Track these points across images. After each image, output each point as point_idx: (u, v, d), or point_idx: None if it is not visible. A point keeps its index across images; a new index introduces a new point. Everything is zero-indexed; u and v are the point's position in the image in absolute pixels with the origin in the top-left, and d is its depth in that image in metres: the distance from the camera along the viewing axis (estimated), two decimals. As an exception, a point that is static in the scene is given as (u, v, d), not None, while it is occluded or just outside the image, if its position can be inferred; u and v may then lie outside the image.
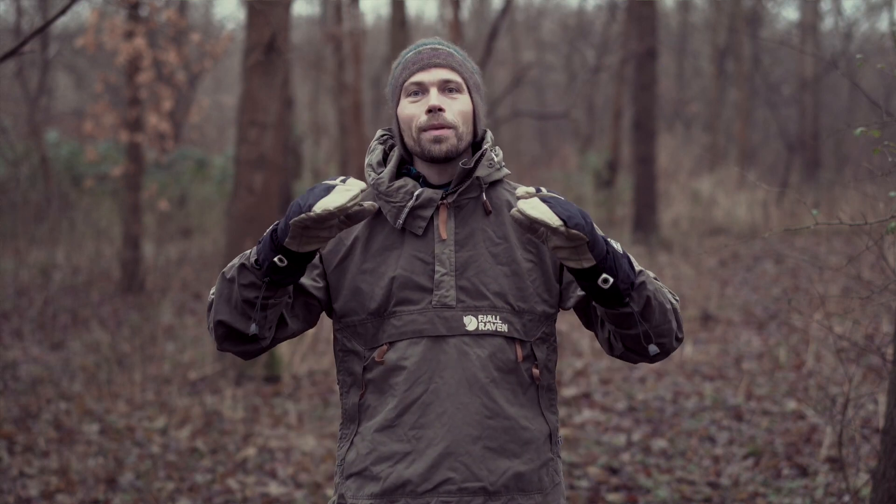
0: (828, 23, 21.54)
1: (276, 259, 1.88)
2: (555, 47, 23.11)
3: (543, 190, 1.86)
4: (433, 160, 2.03)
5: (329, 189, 1.83)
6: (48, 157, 13.02)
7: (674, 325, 1.98)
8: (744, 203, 14.02)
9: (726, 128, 21.10)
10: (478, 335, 2.00)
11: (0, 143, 12.64)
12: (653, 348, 1.95)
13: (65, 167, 14.70)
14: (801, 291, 8.99)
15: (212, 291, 2.05)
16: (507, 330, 2.01)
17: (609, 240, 1.89)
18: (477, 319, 2.00)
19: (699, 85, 23.20)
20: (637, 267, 1.93)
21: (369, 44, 18.01)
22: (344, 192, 1.82)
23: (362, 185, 1.84)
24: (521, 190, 1.83)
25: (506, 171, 2.14)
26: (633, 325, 1.92)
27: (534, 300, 2.03)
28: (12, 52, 3.13)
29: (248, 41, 6.77)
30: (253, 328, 1.96)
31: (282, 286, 1.94)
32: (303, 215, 1.81)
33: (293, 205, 1.85)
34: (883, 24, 21.00)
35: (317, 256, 2.06)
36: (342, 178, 1.87)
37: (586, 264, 1.84)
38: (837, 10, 20.81)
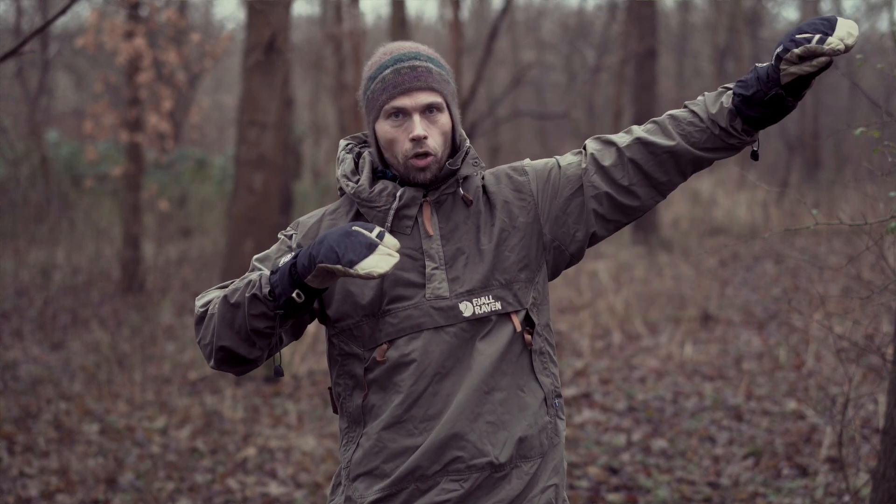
0: (828, 23, 21.51)
1: (294, 295, 1.88)
2: (555, 47, 23.10)
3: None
4: (418, 184, 2.06)
5: (371, 247, 1.82)
6: (48, 157, 13.01)
7: None
8: (744, 203, 14.02)
9: (726, 128, 21.05)
10: (475, 320, 2.02)
11: (0, 143, 12.64)
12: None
13: (65, 167, 14.69)
14: (801, 291, 8.98)
15: (201, 304, 2.03)
16: (500, 306, 2.04)
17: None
18: (472, 304, 2.03)
19: (699, 85, 23.18)
20: None
21: (369, 44, 17.97)
22: (387, 259, 1.82)
23: (398, 244, 1.85)
24: (843, 42, 1.89)
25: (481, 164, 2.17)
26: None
27: (514, 269, 2.06)
28: (12, 52, 3.13)
29: (248, 41, 6.77)
30: (256, 353, 1.98)
31: (293, 318, 1.95)
32: (339, 267, 1.81)
33: (326, 249, 1.83)
34: (883, 24, 21.02)
35: None
36: (378, 230, 1.85)
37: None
38: (837, 10, 20.81)
